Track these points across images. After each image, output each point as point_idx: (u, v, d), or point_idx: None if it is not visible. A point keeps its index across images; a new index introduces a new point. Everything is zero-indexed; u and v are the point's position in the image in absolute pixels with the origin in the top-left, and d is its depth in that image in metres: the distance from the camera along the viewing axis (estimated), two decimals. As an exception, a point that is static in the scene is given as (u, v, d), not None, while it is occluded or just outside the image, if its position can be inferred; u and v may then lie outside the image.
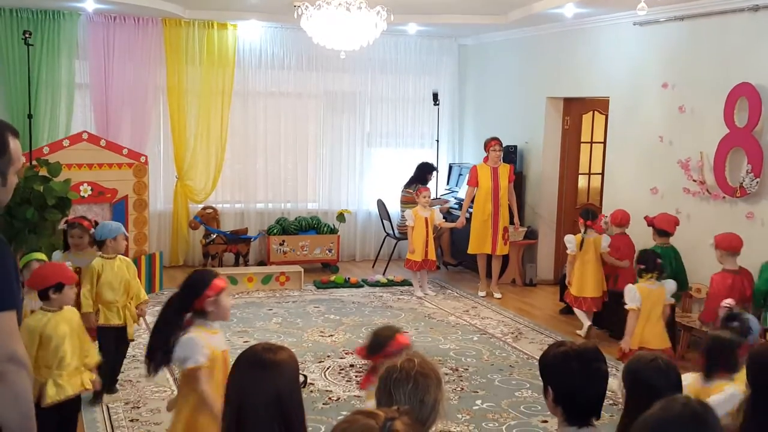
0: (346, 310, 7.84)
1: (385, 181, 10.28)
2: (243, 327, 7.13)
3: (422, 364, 2.43)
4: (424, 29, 9.77)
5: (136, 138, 9.08)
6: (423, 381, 2.38)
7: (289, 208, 10.09)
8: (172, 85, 9.27)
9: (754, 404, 2.60)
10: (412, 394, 2.36)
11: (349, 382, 5.77)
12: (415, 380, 2.37)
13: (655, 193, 7.37)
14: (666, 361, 2.69)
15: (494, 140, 8.60)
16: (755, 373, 2.64)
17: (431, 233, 8.48)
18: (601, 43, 8.19)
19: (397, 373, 2.40)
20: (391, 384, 2.39)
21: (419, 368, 2.41)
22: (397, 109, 10.52)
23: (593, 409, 2.44)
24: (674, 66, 7.17)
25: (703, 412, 1.83)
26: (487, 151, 8.57)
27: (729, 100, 6.42)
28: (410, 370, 2.40)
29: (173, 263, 9.53)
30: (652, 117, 7.43)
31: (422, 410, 2.37)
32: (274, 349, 2.34)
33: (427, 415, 2.39)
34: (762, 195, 6.22)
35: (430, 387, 2.39)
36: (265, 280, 8.64)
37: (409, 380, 2.37)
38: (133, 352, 6.32)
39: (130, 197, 8.07)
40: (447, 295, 8.59)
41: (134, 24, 9.01)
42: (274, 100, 9.95)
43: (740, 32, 6.44)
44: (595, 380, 2.43)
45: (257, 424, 2.22)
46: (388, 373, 2.43)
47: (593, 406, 2.44)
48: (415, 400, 2.36)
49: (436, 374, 2.44)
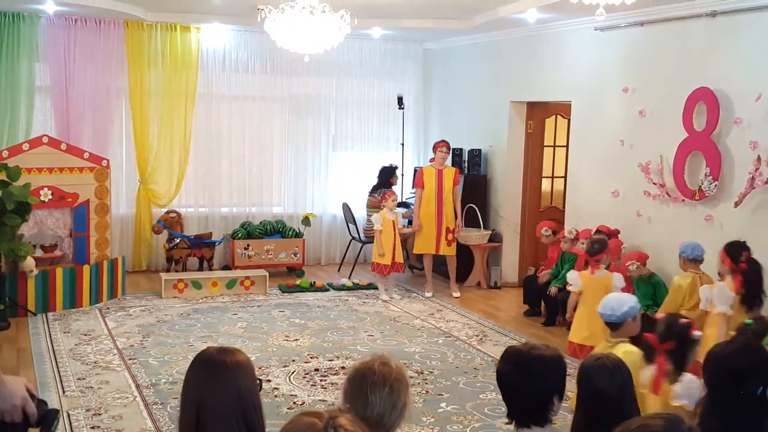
0: (311, 314, 7.82)
1: (351, 185, 10.27)
2: (207, 332, 7.07)
3: (398, 370, 2.49)
4: (389, 33, 9.80)
5: (98, 141, 8.96)
6: (397, 386, 2.44)
7: (254, 212, 10.03)
8: (135, 88, 9.17)
9: (710, 403, 2.65)
10: (387, 398, 2.40)
11: (314, 387, 5.75)
12: (392, 386, 2.42)
13: (616, 196, 7.48)
14: (613, 359, 2.73)
15: (442, 142, 8.73)
16: (710, 372, 2.70)
17: (398, 236, 8.52)
18: (563, 48, 8.29)
19: (375, 377, 2.42)
20: (368, 387, 2.41)
21: (396, 373, 2.46)
22: (362, 112, 10.52)
23: (541, 407, 2.45)
24: (634, 71, 7.29)
25: None
26: (435, 152, 8.70)
27: (688, 105, 6.54)
28: (387, 375, 2.43)
29: (136, 268, 9.42)
30: (613, 121, 7.53)
31: (392, 414, 2.42)
32: (231, 351, 2.34)
33: (394, 420, 2.43)
34: (720, 198, 6.34)
35: (402, 392, 2.45)
36: (230, 284, 8.58)
37: (385, 385, 2.41)
38: (95, 358, 6.25)
39: (91, 201, 7.96)
40: (412, 299, 8.61)
41: (95, 26, 8.90)
42: (238, 104, 9.90)
43: (699, 37, 6.57)
44: (536, 377, 2.45)
45: (218, 426, 2.21)
46: (363, 377, 2.45)
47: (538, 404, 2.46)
48: (388, 405, 2.41)
49: (406, 380, 2.51)
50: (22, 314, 7.32)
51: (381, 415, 2.38)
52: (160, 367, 6.08)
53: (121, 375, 5.88)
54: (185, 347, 6.55)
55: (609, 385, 2.66)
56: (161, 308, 7.83)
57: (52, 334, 6.86)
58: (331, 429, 1.59)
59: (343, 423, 1.60)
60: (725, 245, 5.46)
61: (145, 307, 7.86)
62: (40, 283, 7.44)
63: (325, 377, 5.94)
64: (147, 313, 7.66)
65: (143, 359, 6.26)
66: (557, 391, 2.51)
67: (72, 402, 5.30)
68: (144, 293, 8.46)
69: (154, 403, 5.33)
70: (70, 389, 5.55)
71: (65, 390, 5.53)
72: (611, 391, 2.64)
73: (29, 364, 6.08)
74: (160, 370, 5.99)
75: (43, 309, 7.47)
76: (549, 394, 2.48)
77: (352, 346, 6.75)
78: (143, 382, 5.75)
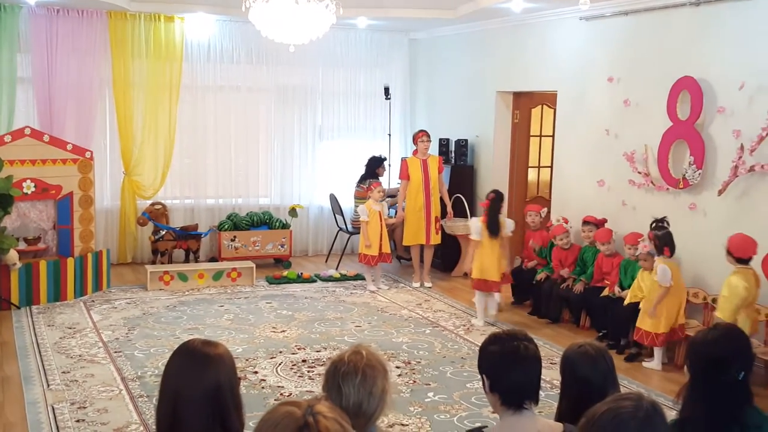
0: (298, 305, 7.80)
1: (338, 176, 10.25)
2: (193, 324, 7.05)
3: (369, 356, 2.46)
4: (375, 23, 9.76)
5: (81, 133, 8.88)
6: (371, 373, 2.41)
7: (241, 203, 10.00)
8: (118, 78, 9.09)
9: (692, 389, 2.67)
10: (360, 386, 2.38)
11: (302, 378, 5.74)
12: (364, 372, 2.40)
13: (602, 186, 7.50)
14: (596, 347, 2.74)
15: (422, 132, 8.76)
16: (693, 359, 2.71)
17: (385, 227, 8.51)
18: (548, 37, 8.29)
19: (345, 367, 2.41)
20: (340, 378, 2.40)
21: (367, 361, 2.43)
22: (349, 103, 10.49)
23: (525, 392, 2.45)
24: (619, 60, 7.30)
25: (653, 413, 1.82)
26: (416, 143, 8.74)
27: (672, 94, 6.56)
28: (358, 362, 2.42)
29: (121, 261, 9.37)
30: (599, 110, 7.55)
31: (370, 402, 2.40)
32: (213, 344, 2.35)
33: (374, 407, 2.42)
34: (704, 186, 6.37)
35: (377, 378, 2.42)
36: (216, 276, 8.55)
37: (357, 373, 2.39)
38: (80, 351, 6.22)
39: (75, 194, 7.90)
40: (400, 289, 8.62)
41: (78, 17, 8.81)
42: (224, 94, 9.84)
43: (682, 27, 6.58)
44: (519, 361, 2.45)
45: (193, 416, 2.21)
46: (335, 367, 2.44)
47: (525, 389, 2.45)
48: (364, 392, 2.39)
49: (382, 366, 2.47)
50: (6, 308, 7.27)
51: (358, 404, 2.37)
52: (146, 359, 6.05)
53: (107, 368, 5.86)
54: (171, 339, 6.52)
55: (592, 372, 2.66)
56: (147, 301, 7.80)
57: (36, 327, 6.82)
58: (310, 417, 1.59)
59: (322, 410, 1.60)
60: None
61: (130, 300, 7.82)
62: (23, 276, 7.39)
63: (312, 368, 5.93)
64: (132, 305, 7.62)
65: (129, 352, 6.23)
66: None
67: (57, 396, 5.27)
68: (129, 286, 8.42)
69: (140, 396, 5.31)
70: (54, 383, 5.52)
71: (50, 384, 5.50)
72: (594, 378, 2.65)
73: (13, 358, 6.04)
74: (146, 363, 5.96)
75: (27, 302, 7.42)
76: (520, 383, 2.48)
77: (340, 337, 6.74)
78: (129, 374, 5.72)
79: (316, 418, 1.59)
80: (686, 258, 6.33)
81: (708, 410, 2.60)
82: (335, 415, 1.62)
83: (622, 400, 1.82)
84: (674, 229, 6.38)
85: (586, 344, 2.76)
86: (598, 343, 2.80)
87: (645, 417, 1.78)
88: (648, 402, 1.82)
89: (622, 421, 1.77)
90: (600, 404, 1.83)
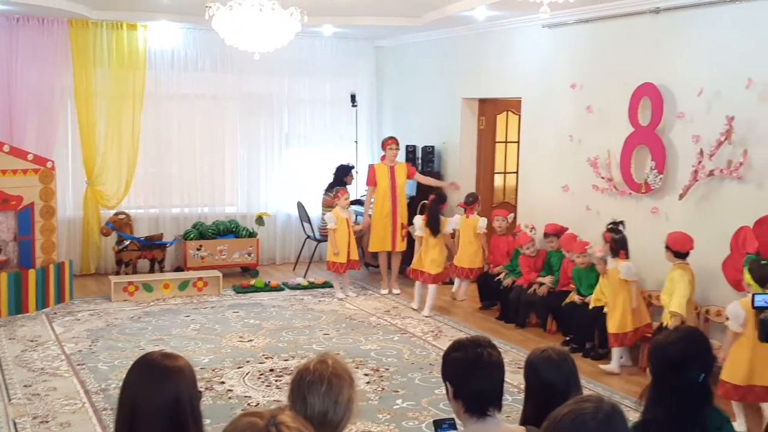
0: (266, 314, 7.76)
1: (305, 183, 10.21)
2: (158, 335, 6.97)
3: (335, 365, 2.44)
4: (340, 31, 9.77)
5: (43, 143, 8.75)
6: (336, 382, 2.39)
7: (206, 212, 9.91)
8: (80, 87, 8.97)
9: (654, 391, 2.70)
10: (326, 395, 2.36)
11: (269, 387, 5.70)
12: (329, 381, 2.37)
13: (566, 191, 7.58)
14: (559, 351, 2.77)
15: (391, 139, 8.79)
16: (654, 361, 2.74)
17: (353, 234, 8.50)
18: (512, 45, 8.37)
19: (311, 376, 2.39)
20: (305, 387, 2.37)
21: (332, 369, 2.41)
22: (315, 110, 10.47)
23: (489, 399, 2.46)
24: (582, 67, 7.39)
25: (612, 414, 1.83)
26: (384, 149, 8.74)
27: (633, 100, 6.66)
28: (324, 371, 2.40)
29: (84, 272, 9.23)
30: (562, 117, 7.63)
31: (336, 411, 2.38)
32: (173, 356, 2.32)
33: (341, 416, 2.40)
34: (665, 191, 6.47)
35: (343, 387, 2.40)
36: (182, 286, 8.46)
37: (323, 382, 2.37)
38: (42, 365, 6.11)
39: (36, 204, 7.77)
40: (368, 296, 8.61)
41: (39, 25, 8.69)
42: (188, 103, 9.76)
43: (643, 34, 6.68)
44: (482, 368, 2.45)
45: (150, 430, 2.19)
46: (300, 376, 2.42)
47: (488, 396, 2.46)
48: (330, 402, 2.36)
49: (348, 374, 2.45)
50: (-34, 321, 7.13)
51: (324, 413, 2.35)
52: (110, 371, 5.96)
53: (70, 381, 5.76)
54: (136, 351, 6.43)
55: (555, 376, 2.69)
56: (111, 312, 7.69)
57: (-3, 340, 6.69)
58: (273, 427, 1.58)
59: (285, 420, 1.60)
60: None
61: (94, 311, 7.70)
62: (-16, 288, 7.25)
63: (280, 377, 5.90)
64: (96, 317, 7.51)
65: (92, 364, 6.14)
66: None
67: (18, 410, 5.17)
68: (93, 297, 8.29)
69: (104, 409, 5.23)
70: (16, 397, 5.42)
71: (11, 398, 5.39)
72: (558, 381, 2.67)
73: (-27, 373, 5.91)
74: (110, 375, 5.87)
75: (-12, 315, 7.28)
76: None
77: (308, 346, 6.71)
78: (92, 387, 5.64)
79: (279, 428, 1.58)
80: (649, 262, 6.41)
81: (670, 412, 2.64)
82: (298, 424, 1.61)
83: (583, 402, 1.84)
84: (637, 233, 6.48)
85: (549, 349, 2.79)
86: (561, 348, 2.83)
87: (605, 418, 1.80)
88: (608, 404, 1.85)
89: (583, 422, 1.79)
90: (562, 407, 1.84)
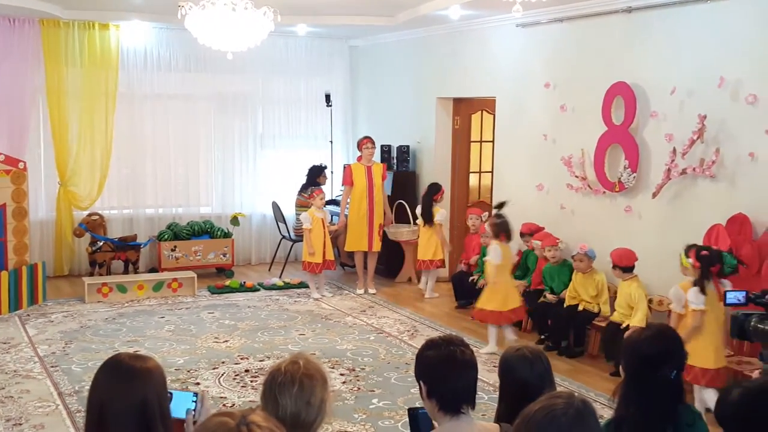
0: (241, 314, 7.72)
1: (280, 183, 10.18)
2: (133, 336, 6.91)
3: (307, 366, 2.42)
4: (314, 30, 9.75)
5: (14, 143, 8.64)
6: (308, 383, 2.37)
7: (181, 212, 9.85)
8: (52, 87, 8.87)
9: (627, 389, 2.73)
10: (298, 396, 2.35)
11: (245, 388, 5.68)
12: (301, 382, 2.36)
13: (541, 190, 7.63)
14: (532, 350, 2.79)
15: (367, 139, 8.78)
16: (627, 359, 2.77)
17: (328, 234, 8.49)
18: (487, 44, 8.40)
19: (282, 377, 2.38)
20: (276, 388, 2.36)
21: (304, 370, 2.40)
22: (290, 110, 10.44)
23: (462, 397, 2.47)
24: (555, 66, 7.44)
25: (583, 409, 1.86)
26: (360, 149, 8.74)
27: (606, 99, 6.71)
28: (295, 372, 2.38)
29: (58, 273, 9.13)
30: (537, 116, 7.68)
31: (309, 412, 2.37)
32: (142, 357, 2.30)
33: (313, 417, 2.38)
34: (639, 189, 6.53)
35: (315, 388, 2.38)
36: (157, 287, 8.40)
37: (294, 383, 2.36)
38: (14, 367, 6.03)
39: (8, 205, 7.67)
40: (344, 296, 8.60)
41: (9, 25, 8.59)
42: (162, 103, 9.68)
43: (616, 33, 6.75)
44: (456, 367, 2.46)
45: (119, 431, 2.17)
46: (272, 378, 2.40)
47: (462, 394, 2.47)
48: (302, 403, 2.35)
49: (321, 374, 2.43)
50: (-64, 325, 7.02)
51: (296, 414, 2.34)
52: (84, 373, 5.90)
53: (43, 383, 5.70)
54: (110, 352, 6.30)
55: (529, 375, 2.71)
56: (84, 313, 7.61)
57: (-32, 344, 6.59)
58: (244, 426, 1.58)
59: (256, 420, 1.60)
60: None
61: (67, 313, 7.62)
62: (-46, 291, 7.14)
63: (255, 378, 5.88)
64: (70, 318, 7.43)
65: (66, 366, 6.07)
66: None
67: (-10, 414, 5.10)
68: (66, 299, 8.20)
69: (77, 411, 5.18)
70: (-13, 401, 5.35)
71: (-18, 402, 5.32)
72: (532, 379, 2.70)
73: (-57, 377, 5.82)
74: (84, 377, 5.81)
75: (-42, 318, 7.17)
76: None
77: (284, 346, 6.69)
78: (66, 389, 5.58)
79: (250, 428, 1.58)
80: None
81: (642, 409, 2.67)
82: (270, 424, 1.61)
83: (554, 398, 1.86)
84: (611, 232, 6.55)
85: (523, 347, 2.81)
86: (535, 346, 2.86)
87: (576, 414, 1.83)
88: (579, 400, 1.87)
89: (555, 418, 1.81)
90: (534, 403, 1.87)
